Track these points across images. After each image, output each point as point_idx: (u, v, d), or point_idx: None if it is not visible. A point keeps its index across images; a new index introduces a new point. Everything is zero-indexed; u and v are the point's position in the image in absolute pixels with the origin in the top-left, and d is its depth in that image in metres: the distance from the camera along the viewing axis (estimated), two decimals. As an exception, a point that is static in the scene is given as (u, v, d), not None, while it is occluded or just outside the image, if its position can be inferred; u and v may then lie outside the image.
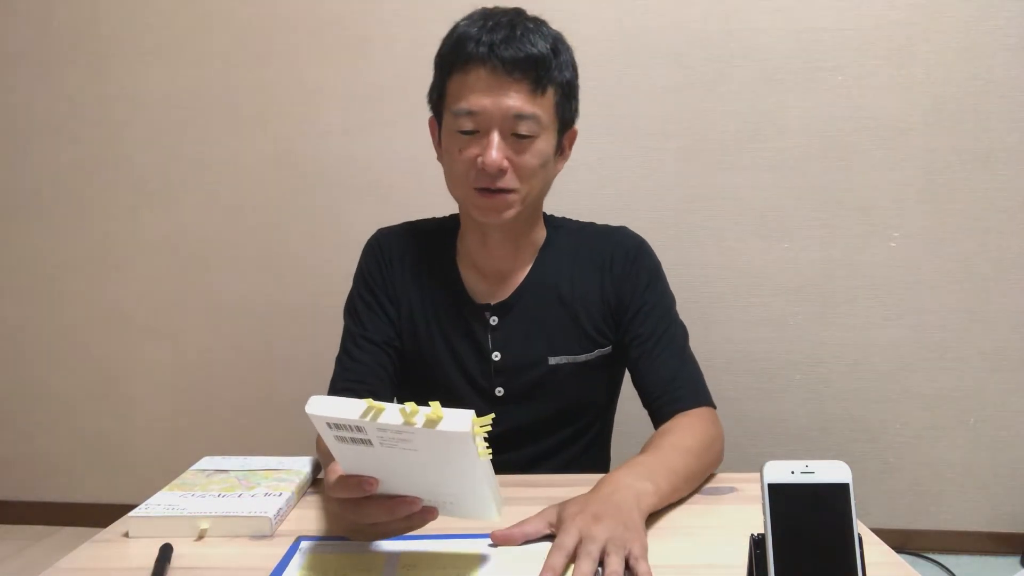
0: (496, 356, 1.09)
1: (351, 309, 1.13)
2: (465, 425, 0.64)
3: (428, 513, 0.74)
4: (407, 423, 0.64)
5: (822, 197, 1.91)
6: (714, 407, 1.06)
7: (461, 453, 0.67)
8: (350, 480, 0.71)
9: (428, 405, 0.65)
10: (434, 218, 1.20)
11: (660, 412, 1.05)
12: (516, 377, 1.10)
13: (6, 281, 2.15)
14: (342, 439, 0.68)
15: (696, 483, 0.93)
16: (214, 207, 2.05)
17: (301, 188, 2.02)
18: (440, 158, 1.07)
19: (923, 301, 1.91)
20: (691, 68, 1.89)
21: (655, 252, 1.16)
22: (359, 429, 0.66)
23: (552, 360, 1.09)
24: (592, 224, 1.19)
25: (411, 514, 0.73)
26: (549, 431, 1.12)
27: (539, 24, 1.02)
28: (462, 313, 1.10)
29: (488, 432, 0.66)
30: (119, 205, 2.08)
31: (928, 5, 1.83)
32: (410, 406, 0.65)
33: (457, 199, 1.07)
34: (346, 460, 0.72)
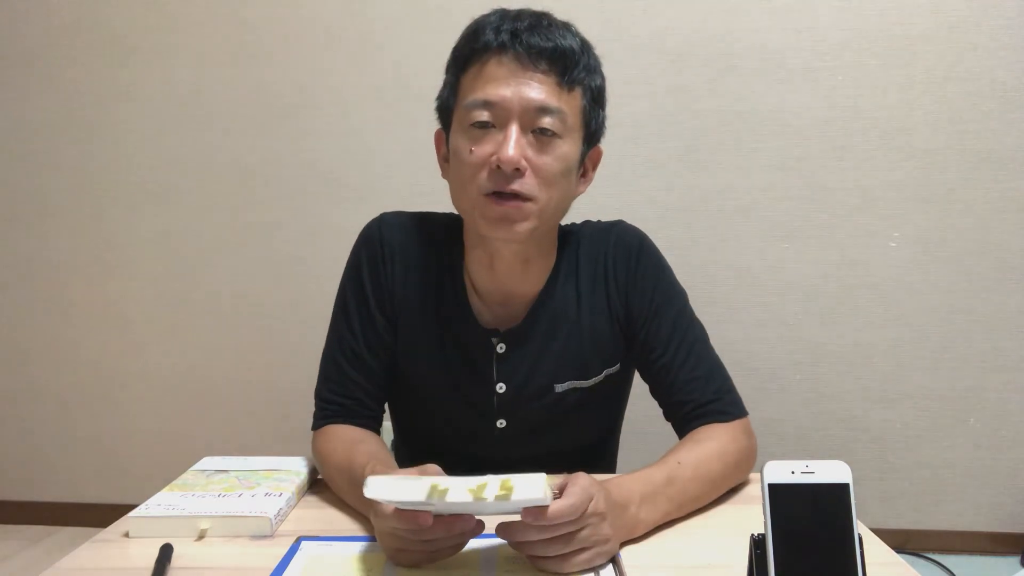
0: (501, 388, 1.00)
1: (343, 307, 1.03)
2: (538, 491, 0.62)
3: (479, 527, 0.72)
4: (477, 499, 0.62)
5: (822, 197, 1.91)
6: (746, 414, 1.00)
7: (529, 510, 0.66)
8: (407, 514, 0.69)
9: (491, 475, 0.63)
10: (444, 214, 1.06)
11: (688, 426, 0.97)
12: (520, 408, 1.01)
13: (6, 281, 2.15)
14: (403, 507, 0.66)
15: (703, 504, 0.89)
16: (214, 207, 2.05)
17: (301, 188, 2.02)
18: (445, 174, 0.96)
19: (923, 301, 1.92)
20: (691, 68, 1.89)
21: (655, 244, 1.07)
22: (422, 504, 0.64)
23: (558, 388, 1.01)
24: (587, 224, 1.08)
25: (465, 531, 0.71)
26: (554, 460, 0.98)
27: (568, 24, 0.93)
28: (466, 337, 1.00)
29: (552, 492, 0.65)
30: (119, 205, 2.08)
31: (928, 5, 1.83)
32: (477, 482, 0.62)
33: (464, 212, 0.94)
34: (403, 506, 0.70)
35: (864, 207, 1.90)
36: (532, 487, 0.62)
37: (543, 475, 0.63)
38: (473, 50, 0.90)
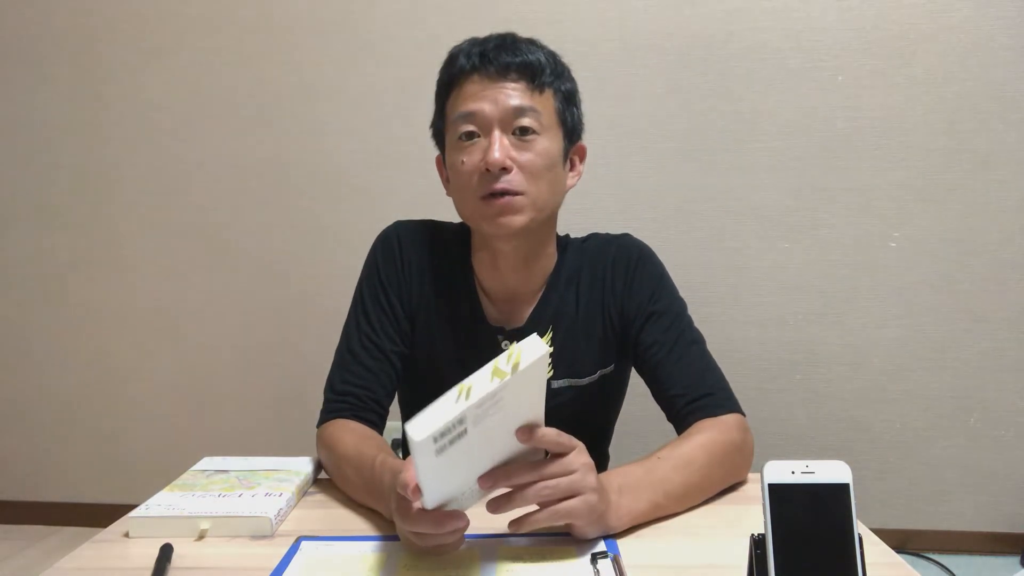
0: None
1: (360, 303, 1.09)
2: (542, 346, 0.67)
3: (465, 523, 0.73)
4: (496, 376, 0.65)
5: (822, 197, 1.91)
6: (742, 414, 1.01)
7: (538, 382, 0.70)
8: (403, 504, 0.72)
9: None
10: (453, 223, 1.13)
11: (683, 423, 1.00)
12: None
13: (7, 281, 2.15)
14: (442, 450, 0.65)
15: (698, 498, 0.91)
16: (214, 207, 2.05)
17: (301, 188, 2.02)
18: (449, 193, 1.04)
19: (923, 301, 1.92)
20: (691, 68, 1.89)
21: (659, 258, 1.12)
22: (460, 422, 0.65)
23: (554, 384, 1.07)
24: (594, 236, 1.14)
25: (457, 529, 0.72)
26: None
27: (533, 40, 1.02)
28: (476, 334, 1.07)
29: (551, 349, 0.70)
30: (119, 205, 2.08)
31: (928, 5, 1.83)
32: (492, 364, 0.66)
33: (468, 218, 1.03)
34: (429, 473, 0.68)
35: (864, 207, 1.90)
36: (535, 346, 0.67)
37: (534, 334, 0.69)
38: (451, 76, 1.00)
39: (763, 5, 1.87)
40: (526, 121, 0.95)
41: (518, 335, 1.05)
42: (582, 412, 1.10)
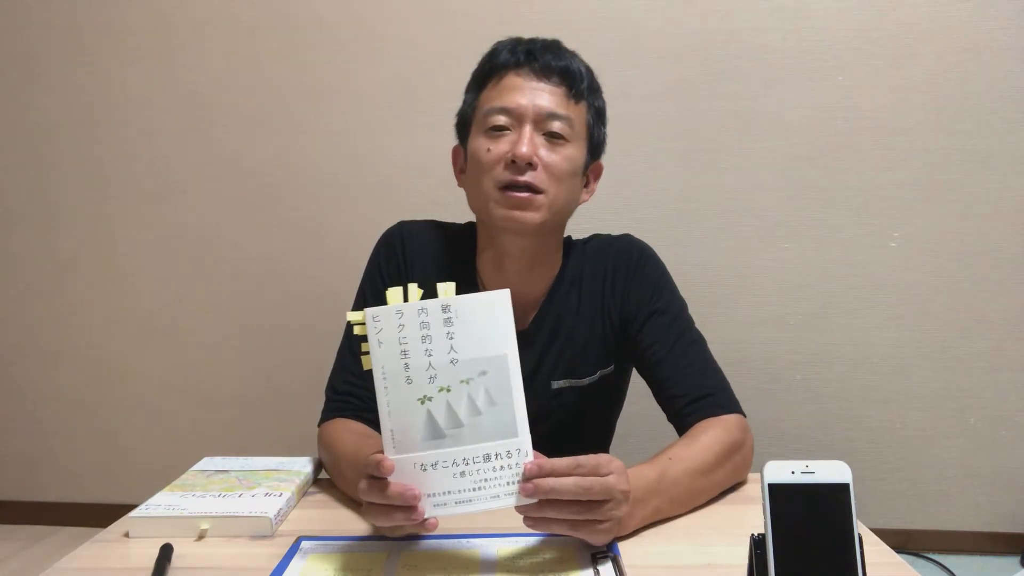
0: None
1: (363, 302, 1.08)
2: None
3: (428, 525, 0.73)
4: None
5: (822, 197, 1.91)
6: (743, 414, 1.02)
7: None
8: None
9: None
10: (456, 223, 1.14)
11: (683, 424, 1.00)
12: None
13: (6, 281, 2.15)
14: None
15: (701, 500, 0.91)
16: (214, 207, 2.05)
17: (302, 188, 2.02)
18: (461, 183, 1.05)
19: (923, 301, 1.92)
20: (691, 68, 1.89)
21: (660, 258, 1.12)
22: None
23: (555, 384, 1.08)
24: (595, 237, 1.15)
25: (412, 521, 0.72)
26: (550, 451, 1.06)
27: (575, 52, 1.05)
28: None
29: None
30: (119, 205, 2.08)
31: (928, 5, 1.83)
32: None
33: (479, 208, 1.02)
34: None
35: (864, 207, 1.90)
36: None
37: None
38: (492, 67, 1.02)
39: (763, 5, 1.86)
40: (557, 127, 0.98)
41: (521, 337, 1.02)
42: (583, 412, 1.11)
